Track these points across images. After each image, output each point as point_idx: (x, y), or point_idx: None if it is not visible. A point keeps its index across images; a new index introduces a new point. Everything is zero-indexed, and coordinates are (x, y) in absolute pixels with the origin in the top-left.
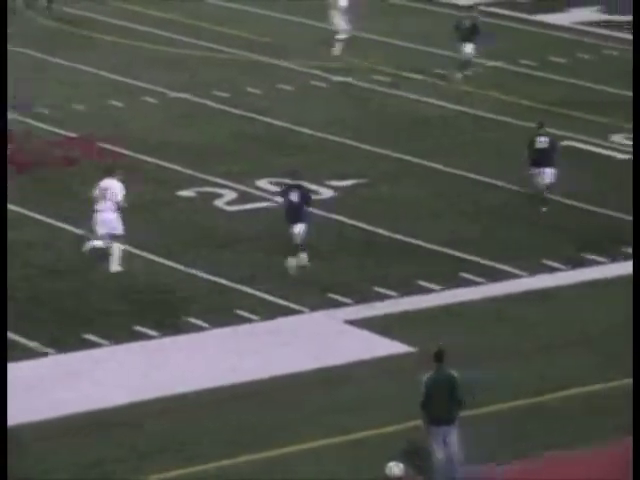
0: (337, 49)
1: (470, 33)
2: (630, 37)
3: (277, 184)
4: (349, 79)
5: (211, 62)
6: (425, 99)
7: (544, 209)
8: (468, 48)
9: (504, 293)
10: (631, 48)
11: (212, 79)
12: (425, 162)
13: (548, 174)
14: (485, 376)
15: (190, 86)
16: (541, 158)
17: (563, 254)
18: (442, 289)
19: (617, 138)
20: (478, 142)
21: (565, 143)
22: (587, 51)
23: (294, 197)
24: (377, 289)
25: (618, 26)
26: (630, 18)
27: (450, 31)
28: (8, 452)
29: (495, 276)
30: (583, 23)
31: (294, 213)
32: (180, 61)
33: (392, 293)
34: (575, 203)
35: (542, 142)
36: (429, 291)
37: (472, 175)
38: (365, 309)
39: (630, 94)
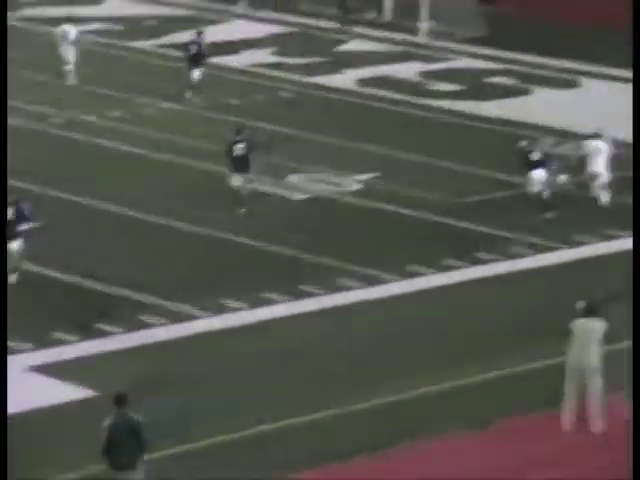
0: (71, 79)
1: (197, 58)
2: (304, 79)
3: None
4: (24, 123)
5: None
6: (102, 141)
7: (242, 210)
8: (196, 73)
9: (188, 334)
10: (304, 90)
11: None
12: (98, 203)
13: (247, 178)
14: (168, 416)
15: None
16: (239, 164)
17: (238, 291)
18: (123, 332)
19: (294, 178)
20: (155, 184)
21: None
22: (261, 92)
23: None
24: (58, 334)
25: (291, 68)
26: (302, 60)
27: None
28: None
29: (175, 317)
30: (257, 65)
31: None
32: None
33: (72, 338)
34: (255, 243)
35: (239, 149)
36: (110, 334)
37: (154, 218)
38: (46, 354)
39: (313, 136)
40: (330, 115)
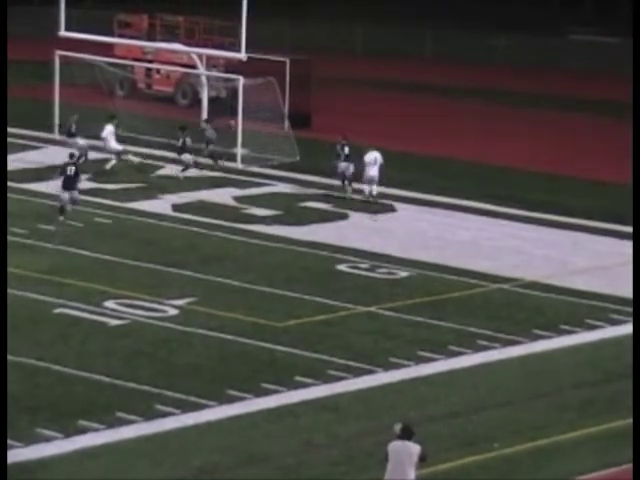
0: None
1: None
2: (119, 204)
3: None
4: None
5: None
6: None
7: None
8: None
9: None
10: (120, 215)
11: None
12: None
13: (75, 195)
14: None
15: None
16: (68, 182)
17: (49, 422)
18: None
19: (110, 304)
20: None
21: (58, 310)
22: (77, 218)
23: (70, 172)
24: None
25: (107, 193)
26: (118, 186)
27: None
28: None
29: None
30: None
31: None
32: None
33: None
34: (60, 368)
35: (70, 170)
36: None
37: None
38: None
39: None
40: (146, 240)
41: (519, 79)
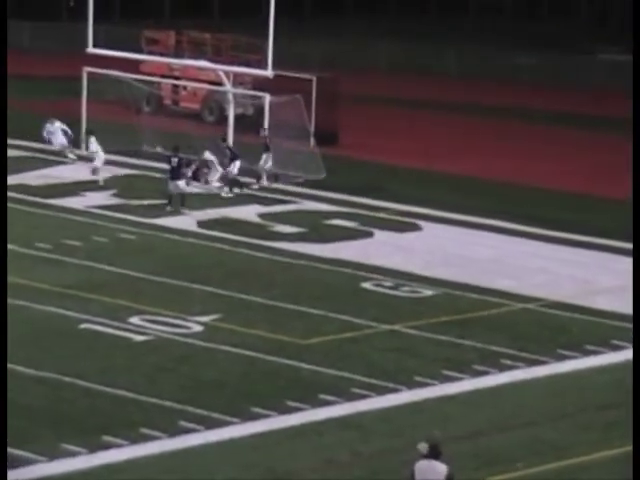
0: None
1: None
2: (145, 221)
3: None
4: None
5: None
6: None
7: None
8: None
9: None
10: (145, 232)
11: None
12: None
13: (180, 185)
14: None
15: None
16: (173, 173)
17: (76, 437)
18: None
19: (135, 320)
20: None
21: (83, 326)
22: (102, 234)
23: (174, 163)
24: None
25: (132, 209)
26: (143, 202)
27: None
28: None
29: None
30: (97, 207)
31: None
32: None
33: None
34: (84, 383)
35: (174, 162)
36: None
37: None
38: None
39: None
40: (171, 256)
41: (545, 97)
